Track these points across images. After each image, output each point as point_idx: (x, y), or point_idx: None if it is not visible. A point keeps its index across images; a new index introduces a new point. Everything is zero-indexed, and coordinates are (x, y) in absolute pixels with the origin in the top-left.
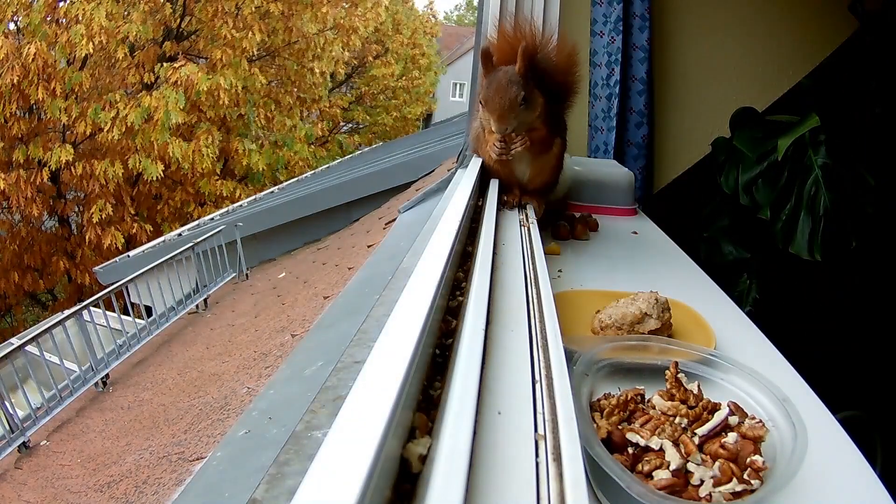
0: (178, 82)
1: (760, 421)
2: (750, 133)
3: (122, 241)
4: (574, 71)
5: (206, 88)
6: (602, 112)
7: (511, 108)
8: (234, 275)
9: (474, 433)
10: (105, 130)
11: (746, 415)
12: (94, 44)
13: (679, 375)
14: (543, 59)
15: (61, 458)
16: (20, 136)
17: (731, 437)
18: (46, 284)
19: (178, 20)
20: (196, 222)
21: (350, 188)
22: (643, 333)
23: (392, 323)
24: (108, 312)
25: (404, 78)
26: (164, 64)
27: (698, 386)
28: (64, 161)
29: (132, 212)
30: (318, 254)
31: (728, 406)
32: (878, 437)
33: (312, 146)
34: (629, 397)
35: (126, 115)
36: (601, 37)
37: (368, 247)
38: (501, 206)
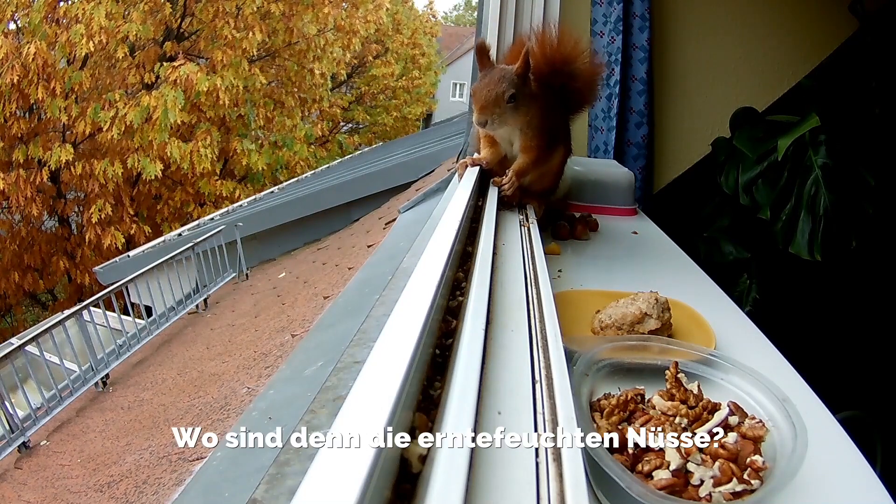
0: (178, 81)
1: (760, 421)
2: (750, 133)
3: (122, 241)
4: (595, 81)
5: (205, 89)
6: (602, 112)
7: (495, 103)
8: (234, 275)
9: (474, 433)
10: (105, 130)
11: (746, 415)
12: (93, 43)
13: (679, 375)
14: (576, 68)
15: (61, 458)
16: (20, 135)
17: (731, 437)
18: (46, 284)
19: (179, 20)
20: (196, 222)
21: (350, 188)
22: (643, 333)
23: (392, 323)
24: (108, 312)
25: (404, 78)
26: (164, 63)
27: (698, 386)
28: (64, 161)
29: (132, 212)
30: (318, 254)
31: (728, 406)
32: (878, 437)
33: (312, 146)
34: (629, 397)
35: (125, 115)
36: (601, 37)
37: (368, 247)
38: (501, 205)
